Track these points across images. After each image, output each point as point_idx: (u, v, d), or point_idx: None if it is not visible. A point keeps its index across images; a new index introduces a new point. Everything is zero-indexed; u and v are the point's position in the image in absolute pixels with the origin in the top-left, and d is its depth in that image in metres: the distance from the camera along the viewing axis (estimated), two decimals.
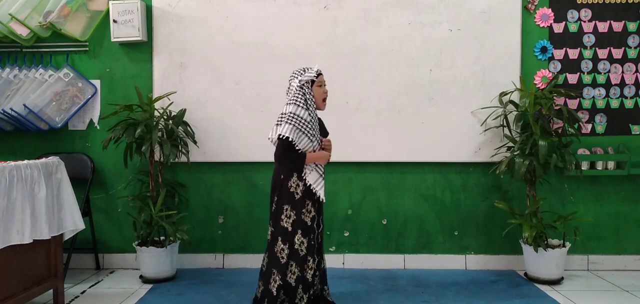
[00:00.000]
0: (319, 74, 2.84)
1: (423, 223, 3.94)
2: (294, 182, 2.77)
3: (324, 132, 2.93)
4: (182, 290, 3.46)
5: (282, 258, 2.75)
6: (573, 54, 3.85)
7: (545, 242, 3.53)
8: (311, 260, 2.80)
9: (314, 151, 2.78)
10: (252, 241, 4.00)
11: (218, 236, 4.01)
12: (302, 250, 2.75)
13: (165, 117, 3.70)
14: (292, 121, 2.72)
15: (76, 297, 3.35)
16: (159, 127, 3.63)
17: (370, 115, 3.83)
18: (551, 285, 3.50)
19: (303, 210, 2.76)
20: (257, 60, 3.87)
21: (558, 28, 3.84)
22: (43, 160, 2.93)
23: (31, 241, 2.72)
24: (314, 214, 2.80)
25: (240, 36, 3.88)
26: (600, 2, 3.82)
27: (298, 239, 2.75)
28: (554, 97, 3.64)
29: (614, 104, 3.85)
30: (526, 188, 3.65)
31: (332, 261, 3.96)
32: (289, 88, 2.83)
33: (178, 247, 3.77)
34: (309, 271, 2.79)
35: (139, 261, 3.68)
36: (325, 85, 2.87)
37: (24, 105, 3.74)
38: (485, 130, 3.79)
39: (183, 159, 3.70)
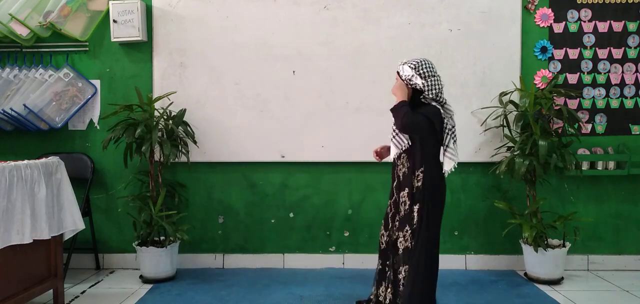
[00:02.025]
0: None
1: None
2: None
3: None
4: (182, 290, 3.46)
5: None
6: (573, 54, 3.84)
7: (545, 242, 3.53)
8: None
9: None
10: (252, 241, 4.00)
11: (218, 236, 4.01)
12: None
13: (165, 117, 3.70)
14: None
15: (76, 297, 3.35)
16: (159, 127, 3.63)
17: (371, 115, 3.82)
18: (551, 285, 3.50)
19: None
20: (257, 60, 3.87)
21: (558, 28, 3.84)
22: (43, 160, 2.93)
23: (31, 241, 2.72)
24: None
25: (240, 36, 3.88)
26: (600, 2, 3.81)
27: None
28: (554, 97, 3.64)
29: (614, 104, 3.85)
30: (526, 188, 3.65)
31: (332, 260, 3.97)
32: None
33: (178, 247, 3.77)
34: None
35: (139, 261, 3.68)
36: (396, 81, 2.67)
37: (24, 105, 3.73)
38: (485, 130, 3.79)
39: (183, 159, 3.69)
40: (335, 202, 3.97)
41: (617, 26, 3.82)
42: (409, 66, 2.57)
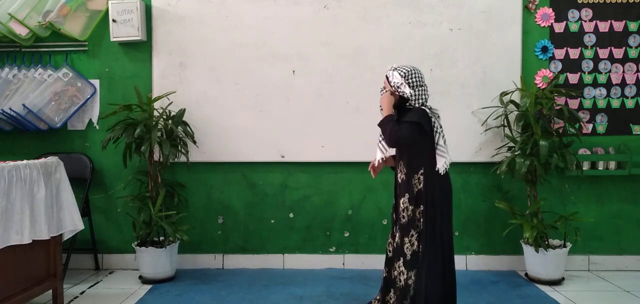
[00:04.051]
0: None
1: None
2: None
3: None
4: (182, 291, 3.45)
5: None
6: (574, 53, 3.84)
7: (546, 242, 3.52)
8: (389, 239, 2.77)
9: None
10: (251, 241, 3.99)
11: (218, 236, 4.00)
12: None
13: (164, 117, 3.69)
14: None
15: (75, 297, 3.34)
16: (159, 127, 3.62)
17: (371, 115, 3.80)
18: (552, 286, 3.49)
19: None
20: (257, 60, 3.86)
21: (559, 28, 3.83)
22: (42, 160, 2.92)
23: (30, 241, 2.71)
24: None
25: (240, 36, 3.87)
26: (601, 2, 3.80)
27: None
28: (555, 97, 3.63)
29: (615, 104, 3.84)
30: (527, 188, 3.64)
31: (332, 261, 3.96)
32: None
33: (177, 247, 3.76)
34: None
35: (139, 261, 3.66)
36: (382, 89, 2.73)
37: (23, 105, 3.72)
38: (486, 130, 3.78)
39: (182, 159, 3.68)
40: (335, 203, 3.96)
41: (618, 26, 3.81)
42: (399, 73, 2.58)
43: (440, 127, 2.58)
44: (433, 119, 2.55)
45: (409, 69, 2.59)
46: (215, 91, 3.88)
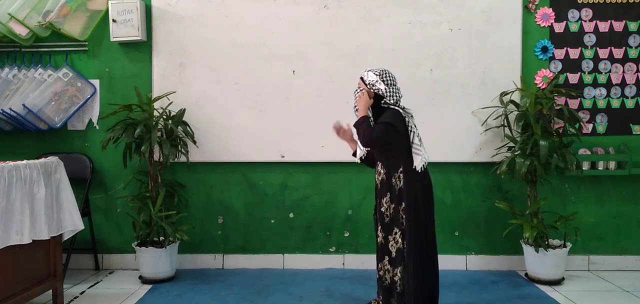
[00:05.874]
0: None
1: None
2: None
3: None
4: (182, 291, 3.45)
5: None
6: (574, 53, 3.84)
7: (546, 242, 3.52)
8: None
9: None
10: (251, 241, 3.99)
11: (218, 236, 4.00)
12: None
13: (164, 117, 3.69)
14: None
15: (75, 297, 3.34)
16: (159, 127, 3.62)
17: None
18: (552, 286, 3.49)
19: None
20: (257, 60, 3.86)
21: (559, 28, 3.83)
22: (42, 160, 2.92)
23: (30, 241, 2.71)
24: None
25: (240, 36, 3.87)
26: (601, 2, 3.80)
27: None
28: (555, 97, 3.63)
29: (615, 104, 3.84)
30: (527, 188, 3.64)
31: (332, 261, 3.96)
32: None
33: (177, 247, 3.76)
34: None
35: (139, 261, 3.66)
36: (356, 90, 2.78)
37: (23, 105, 3.72)
38: (486, 130, 3.78)
39: (182, 159, 3.69)
40: (335, 203, 3.96)
41: (618, 26, 3.81)
42: (374, 73, 2.70)
43: (415, 126, 2.65)
44: (407, 119, 2.62)
45: (382, 69, 2.72)
46: (215, 91, 3.88)
